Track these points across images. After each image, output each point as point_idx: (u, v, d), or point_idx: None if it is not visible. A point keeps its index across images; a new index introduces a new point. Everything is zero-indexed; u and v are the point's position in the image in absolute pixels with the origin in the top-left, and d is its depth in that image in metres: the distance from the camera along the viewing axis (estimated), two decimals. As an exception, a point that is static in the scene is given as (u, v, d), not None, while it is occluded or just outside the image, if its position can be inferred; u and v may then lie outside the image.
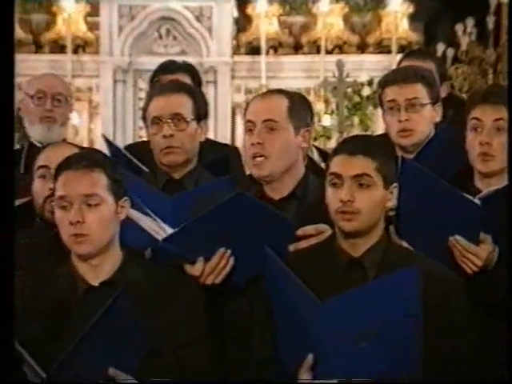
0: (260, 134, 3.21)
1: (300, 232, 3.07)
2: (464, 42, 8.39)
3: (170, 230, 3.08)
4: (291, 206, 3.21)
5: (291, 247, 3.05)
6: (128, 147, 4.21)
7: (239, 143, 8.01)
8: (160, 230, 3.10)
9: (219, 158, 3.92)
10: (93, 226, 2.76)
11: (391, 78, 3.73)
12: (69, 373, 2.58)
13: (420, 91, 3.62)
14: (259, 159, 3.20)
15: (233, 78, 8.42)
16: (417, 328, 2.67)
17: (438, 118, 3.66)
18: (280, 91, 3.35)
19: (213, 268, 3.06)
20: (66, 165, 2.82)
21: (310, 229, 3.07)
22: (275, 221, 3.06)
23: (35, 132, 4.25)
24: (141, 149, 3.94)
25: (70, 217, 2.75)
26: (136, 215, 3.06)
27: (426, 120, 3.62)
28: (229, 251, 3.06)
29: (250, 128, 3.25)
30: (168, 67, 4.59)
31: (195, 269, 3.05)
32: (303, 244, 3.05)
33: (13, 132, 2.66)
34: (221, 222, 3.01)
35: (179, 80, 4.18)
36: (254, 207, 3.05)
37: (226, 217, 3.01)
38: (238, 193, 3.06)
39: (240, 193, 3.07)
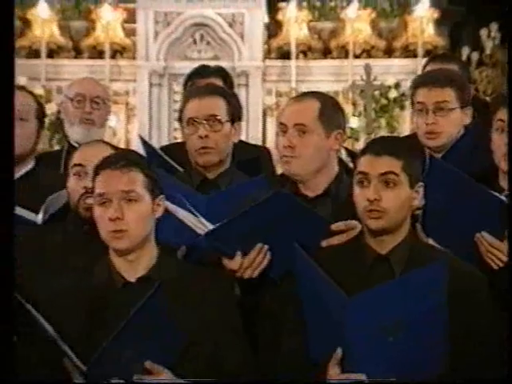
0: (291, 138, 3.20)
1: (333, 227, 3.07)
2: (488, 46, 8.34)
3: (209, 225, 3.08)
4: (325, 204, 3.19)
5: (323, 243, 3.04)
6: (163, 148, 4.21)
7: (270, 144, 8.00)
8: (200, 224, 3.11)
9: (251, 159, 3.92)
10: (131, 222, 2.76)
11: (422, 80, 3.72)
12: (107, 366, 2.59)
13: (449, 95, 3.59)
14: (290, 159, 3.20)
15: (264, 81, 8.40)
16: (442, 322, 2.66)
17: (467, 121, 3.63)
18: (313, 94, 3.33)
19: (251, 262, 3.05)
20: (104, 164, 2.82)
21: (340, 224, 3.06)
22: (311, 218, 3.05)
23: (75, 133, 4.26)
24: (176, 150, 3.95)
25: (110, 213, 2.75)
26: (177, 210, 3.08)
27: (453, 123, 3.59)
28: (266, 246, 3.06)
29: (282, 130, 3.24)
30: (201, 71, 4.60)
31: (234, 262, 3.05)
32: (334, 240, 3.04)
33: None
34: (260, 218, 3.00)
35: (214, 83, 4.18)
36: (292, 205, 3.04)
37: (265, 214, 3.00)
38: (277, 191, 3.07)
39: (279, 191, 3.07)
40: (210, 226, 3.08)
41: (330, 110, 3.26)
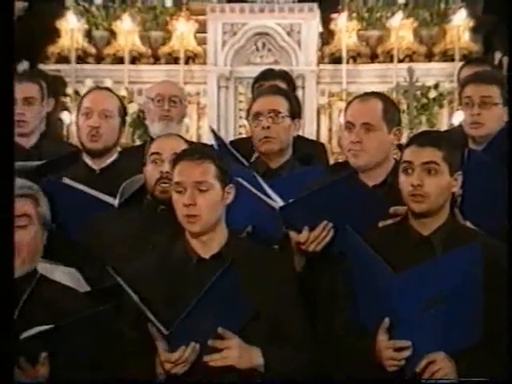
0: (358, 134, 3.16)
1: (391, 210, 3.03)
2: (518, 50, 8.19)
3: (279, 201, 3.07)
4: (382, 192, 3.15)
5: (380, 223, 3.01)
6: (231, 142, 4.21)
7: (323, 139, 7.97)
8: (273, 202, 3.10)
9: (308, 152, 3.92)
10: (203, 208, 2.75)
11: (470, 79, 3.73)
12: (186, 331, 2.59)
13: (494, 91, 3.58)
14: (357, 153, 3.17)
15: (318, 83, 8.34)
16: (478, 296, 2.63)
17: (505, 118, 3.59)
18: (375, 95, 3.30)
19: (316, 237, 3.03)
20: (182, 156, 2.83)
21: (398, 208, 3.02)
22: (373, 202, 3.01)
23: (155, 129, 4.26)
24: (241, 144, 3.95)
25: (184, 199, 2.76)
26: (255, 191, 3.08)
27: (495, 117, 3.57)
28: (330, 224, 3.03)
29: (349, 127, 3.20)
30: (267, 74, 4.60)
31: (301, 236, 3.03)
32: (390, 221, 3.01)
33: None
34: (328, 197, 2.98)
35: (278, 85, 4.18)
36: (358, 188, 3.01)
37: (334, 194, 2.98)
38: (349, 173, 3.04)
39: (351, 173, 3.04)
40: (280, 202, 3.06)
41: (391, 108, 3.24)
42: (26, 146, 4.09)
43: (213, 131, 4.08)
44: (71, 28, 8.21)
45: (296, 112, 3.61)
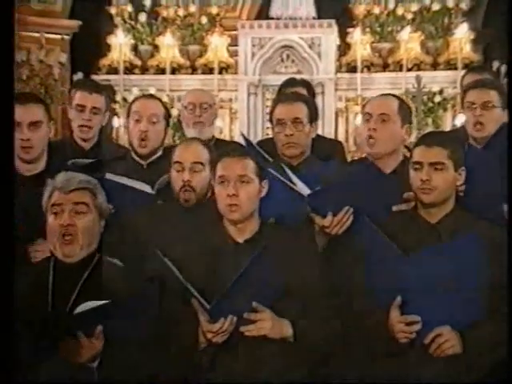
0: (376, 123, 3.20)
1: (405, 196, 3.03)
2: (514, 60, 8.09)
3: (306, 190, 3.06)
4: None
5: (394, 208, 3.01)
6: (258, 142, 4.20)
7: (340, 138, 7.95)
8: (301, 191, 3.10)
9: (327, 153, 3.91)
10: (243, 199, 2.77)
11: (472, 85, 3.73)
12: (225, 305, 2.60)
13: (493, 96, 3.58)
14: (372, 140, 3.20)
15: (336, 90, 8.32)
16: (480, 277, 2.61)
17: (505, 119, 3.57)
18: (392, 95, 3.37)
19: (338, 221, 3.02)
20: (225, 154, 2.85)
21: (410, 194, 3.01)
22: (387, 188, 3.01)
23: (190, 134, 4.25)
24: (268, 144, 3.94)
25: (228, 190, 2.76)
26: (285, 180, 3.08)
27: (494, 118, 3.57)
28: (351, 209, 3.02)
29: (367, 118, 3.24)
30: (291, 82, 4.58)
31: (326, 220, 3.02)
32: (403, 206, 3.01)
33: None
34: (349, 185, 2.98)
35: (298, 92, 4.16)
36: (374, 175, 3.01)
37: (354, 181, 2.98)
38: (366, 164, 3.04)
39: (371, 163, 3.04)
40: (306, 191, 3.06)
41: (405, 107, 3.29)
42: (85, 148, 4.13)
43: (242, 135, 4.08)
44: (119, 43, 8.27)
45: (314, 115, 3.58)
